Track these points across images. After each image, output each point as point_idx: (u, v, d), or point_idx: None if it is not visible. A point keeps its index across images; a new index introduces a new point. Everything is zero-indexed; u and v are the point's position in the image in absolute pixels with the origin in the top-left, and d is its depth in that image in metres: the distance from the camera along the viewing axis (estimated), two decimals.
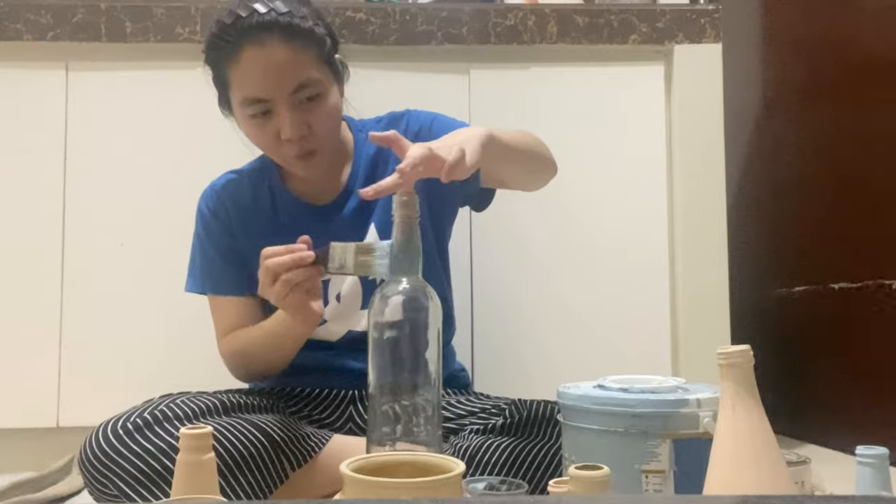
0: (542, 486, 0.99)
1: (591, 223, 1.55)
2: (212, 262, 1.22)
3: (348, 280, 1.20)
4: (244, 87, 1.07)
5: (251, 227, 1.21)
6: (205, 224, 1.23)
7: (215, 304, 1.22)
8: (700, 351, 1.52)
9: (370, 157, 1.23)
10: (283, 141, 1.09)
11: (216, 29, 1.08)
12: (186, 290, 1.24)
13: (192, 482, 0.67)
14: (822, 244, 1.63)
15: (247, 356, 1.17)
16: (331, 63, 1.13)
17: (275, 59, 1.05)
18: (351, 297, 1.21)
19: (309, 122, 1.09)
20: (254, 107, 1.08)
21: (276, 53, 1.05)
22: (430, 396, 0.85)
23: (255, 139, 1.13)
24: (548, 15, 1.57)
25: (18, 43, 1.50)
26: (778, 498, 0.61)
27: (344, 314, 1.21)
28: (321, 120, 1.10)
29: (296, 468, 1.05)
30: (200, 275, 1.23)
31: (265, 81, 1.06)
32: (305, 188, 1.23)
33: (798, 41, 1.73)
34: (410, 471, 0.67)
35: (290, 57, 1.06)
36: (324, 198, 1.23)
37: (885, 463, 0.78)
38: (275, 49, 1.05)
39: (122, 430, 0.98)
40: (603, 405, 0.85)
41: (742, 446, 0.66)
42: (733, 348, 0.68)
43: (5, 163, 1.49)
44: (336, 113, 1.15)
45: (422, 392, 0.85)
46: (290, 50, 1.06)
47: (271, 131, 1.09)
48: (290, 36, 1.06)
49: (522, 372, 1.51)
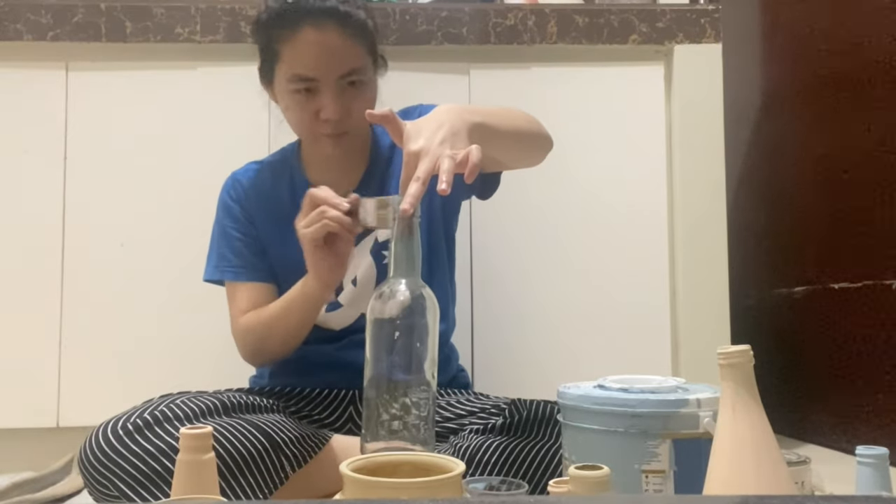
0: (542, 486, 0.99)
1: (591, 223, 1.55)
2: (232, 248, 1.23)
3: (364, 264, 1.22)
4: (296, 64, 1.13)
5: (271, 214, 1.24)
6: (227, 211, 1.25)
7: (232, 289, 1.23)
8: (700, 351, 1.52)
9: (387, 148, 1.27)
10: (321, 120, 1.14)
11: (277, 4, 1.14)
12: (205, 278, 1.25)
13: (192, 482, 0.67)
14: (822, 244, 1.63)
15: (263, 331, 1.18)
16: (374, 55, 1.20)
17: (330, 43, 1.12)
18: (366, 281, 1.22)
19: (349, 106, 1.15)
20: (300, 83, 1.13)
21: (332, 38, 1.12)
22: (425, 395, 0.85)
23: (292, 113, 1.17)
24: (548, 15, 1.57)
25: (18, 43, 1.50)
26: (778, 498, 0.61)
27: (359, 298, 1.22)
28: (360, 106, 1.14)
29: (296, 468, 1.05)
30: (220, 262, 1.24)
31: (317, 63, 1.12)
32: (324, 177, 1.23)
33: (798, 41, 1.73)
34: (410, 471, 0.67)
35: (343, 43, 1.13)
36: (342, 187, 1.24)
37: (885, 463, 0.78)
38: (331, 34, 1.12)
39: (121, 431, 0.98)
40: (603, 405, 0.85)
41: (742, 446, 0.66)
42: (733, 348, 0.68)
43: (5, 163, 1.49)
44: (373, 102, 1.20)
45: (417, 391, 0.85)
46: (345, 37, 1.13)
47: (311, 108, 1.14)
48: (347, 24, 1.13)
49: (522, 372, 1.51)
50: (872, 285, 1.48)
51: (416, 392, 0.85)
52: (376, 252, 1.24)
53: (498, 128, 1.04)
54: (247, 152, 1.40)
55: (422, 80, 1.55)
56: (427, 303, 0.87)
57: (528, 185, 1.51)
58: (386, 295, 0.86)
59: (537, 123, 1.18)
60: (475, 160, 0.87)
